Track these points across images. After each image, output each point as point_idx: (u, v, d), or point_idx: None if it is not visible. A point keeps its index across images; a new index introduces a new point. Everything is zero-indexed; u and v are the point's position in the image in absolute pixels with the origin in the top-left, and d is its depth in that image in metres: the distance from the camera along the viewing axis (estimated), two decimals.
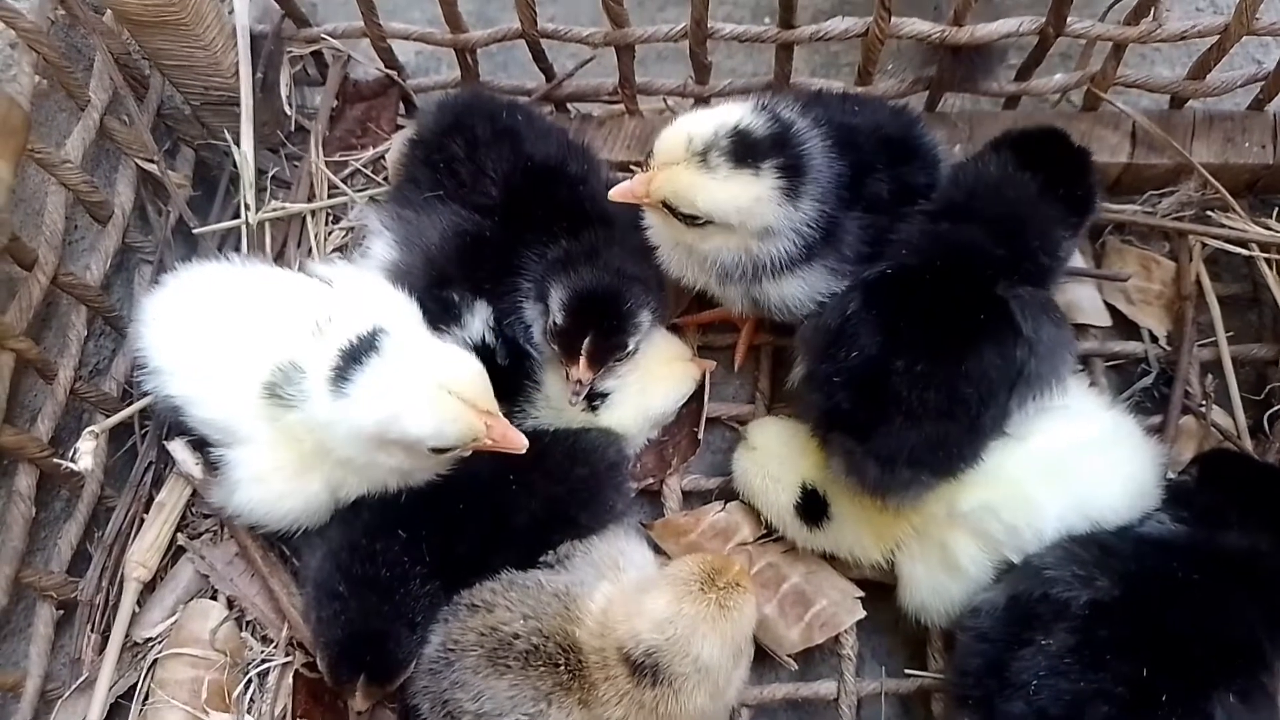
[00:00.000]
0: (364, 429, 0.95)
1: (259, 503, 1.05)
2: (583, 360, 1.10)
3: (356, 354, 0.97)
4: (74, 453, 1.04)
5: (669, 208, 1.01)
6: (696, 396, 1.27)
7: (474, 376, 0.98)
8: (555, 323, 1.10)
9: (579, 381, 1.11)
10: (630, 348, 1.14)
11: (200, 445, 1.12)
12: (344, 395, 0.95)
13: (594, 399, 1.17)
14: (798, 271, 1.07)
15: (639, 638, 0.97)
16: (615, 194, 1.05)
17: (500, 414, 0.98)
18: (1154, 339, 1.29)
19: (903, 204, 1.09)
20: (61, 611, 1.11)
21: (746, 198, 0.99)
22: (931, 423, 1.00)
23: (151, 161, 1.20)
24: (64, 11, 1.13)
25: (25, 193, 1.11)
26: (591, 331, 1.10)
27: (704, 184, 0.98)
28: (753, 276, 1.07)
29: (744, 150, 0.98)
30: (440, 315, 1.14)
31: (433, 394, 0.95)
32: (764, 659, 1.15)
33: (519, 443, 0.98)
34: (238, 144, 1.24)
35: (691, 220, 1.01)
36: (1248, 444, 1.21)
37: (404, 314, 1.10)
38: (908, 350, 1.00)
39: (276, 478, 1.04)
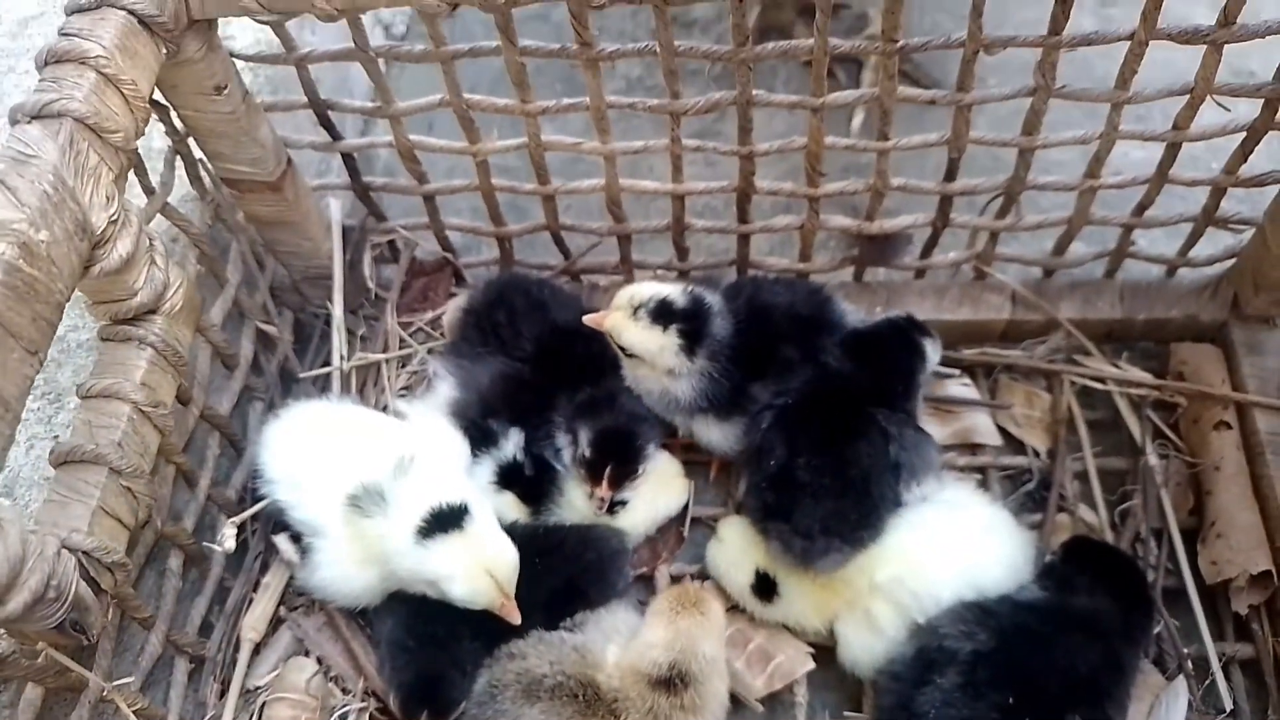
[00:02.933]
0: (424, 573, 1.31)
1: (330, 581, 1.38)
2: (605, 483, 1.45)
3: (445, 523, 1.30)
4: (220, 538, 1.38)
5: (613, 338, 1.42)
6: None
7: (509, 565, 1.32)
8: (584, 455, 1.46)
9: (601, 499, 1.46)
10: (640, 473, 1.49)
11: (297, 539, 1.47)
12: (423, 546, 1.30)
13: (614, 507, 1.49)
14: (715, 422, 1.48)
15: (659, 662, 1.30)
16: (586, 320, 1.45)
17: (513, 596, 1.32)
18: (1036, 454, 1.59)
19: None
20: (192, 665, 1.41)
21: (654, 345, 1.40)
22: (831, 500, 1.35)
23: (270, 324, 1.59)
24: (212, 218, 1.53)
25: None
26: (612, 462, 1.45)
27: (629, 327, 1.40)
28: (677, 410, 1.47)
29: (661, 313, 1.39)
30: (482, 440, 1.50)
31: (478, 574, 1.30)
32: (734, 703, 1.41)
33: (516, 619, 1.33)
34: (332, 309, 1.64)
35: (623, 350, 1.42)
36: (1108, 535, 1.50)
37: (455, 450, 1.46)
38: (805, 450, 1.36)
39: (346, 564, 1.37)
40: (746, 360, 1.47)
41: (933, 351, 1.50)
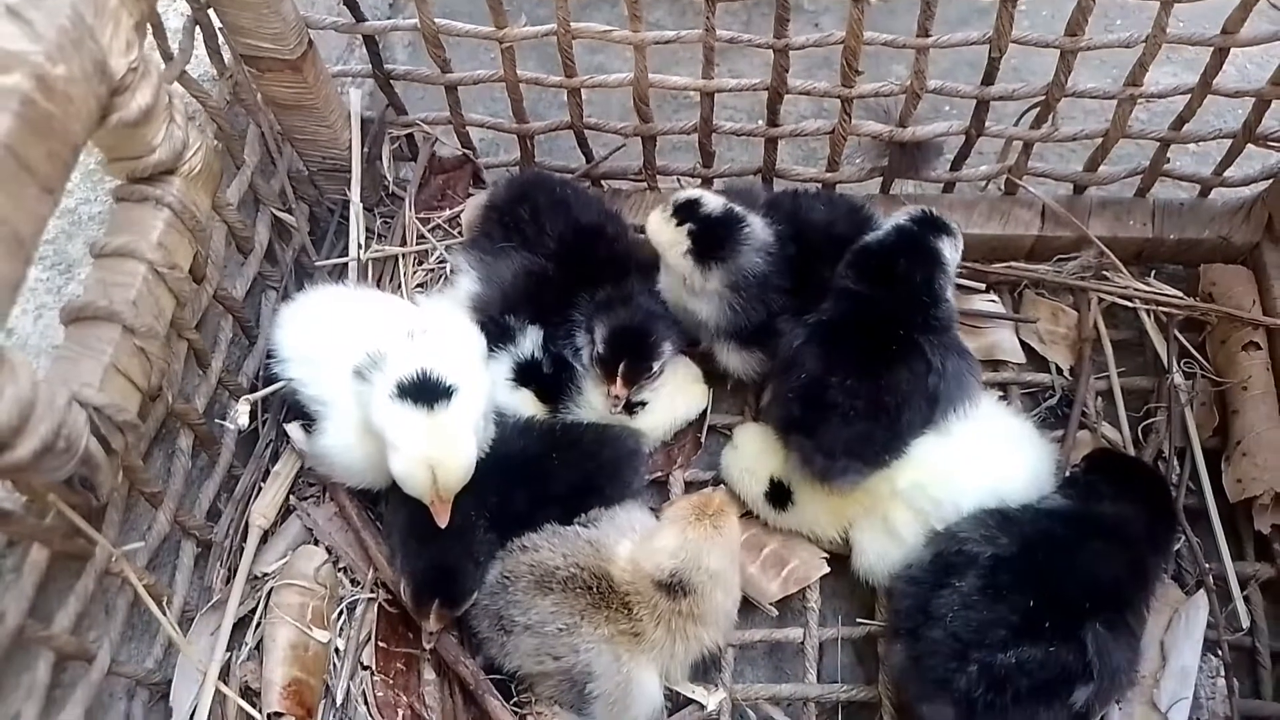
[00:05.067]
0: (378, 428, 1.26)
1: (332, 448, 1.36)
2: (619, 381, 1.42)
3: (419, 394, 1.24)
4: (233, 414, 1.36)
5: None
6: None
7: (454, 474, 1.25)
8: (598, 352, 1.43)
9: (616, 396, 1.43)
10: (655, 370, 1.46)
11: (308, 428, 1.44)
12: (391, 404, 1.24)
13: (633, 407, 1.48)
14: (737, 349, 1.46)
15: (662, 566, 1.29)
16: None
17: (450, 500, 1.26)
18: (1059, 371, 1.58)
19: None
20: (199, 549, 1.39)
21: (665, 237, 1.38)
22: (860, 422, 1.31)
23: (286, 211, 1.56)
24: (230, 96, 1.49)
25: None
26: (625, 359, 1.42)
27: (655, 218, 1.38)
28: (700, 328, 1.45)
29: (682, 209, 1.36)
30: (500, 336, 1.48)
31: (419, 464, 1.23)
32: (748, 607, 1.42)
33: (441, 521, 1.26)
34: (350, 197, 1.60)
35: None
36: (1130, 452, 1.49)
37: (470, 341, 1.43)
38: (840, 369, 1.31)
39: (348, 432, 1.34)
40: (778, 290, 1.42)
41: (951, 251, 1.41)
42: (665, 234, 1.38)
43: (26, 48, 0.93)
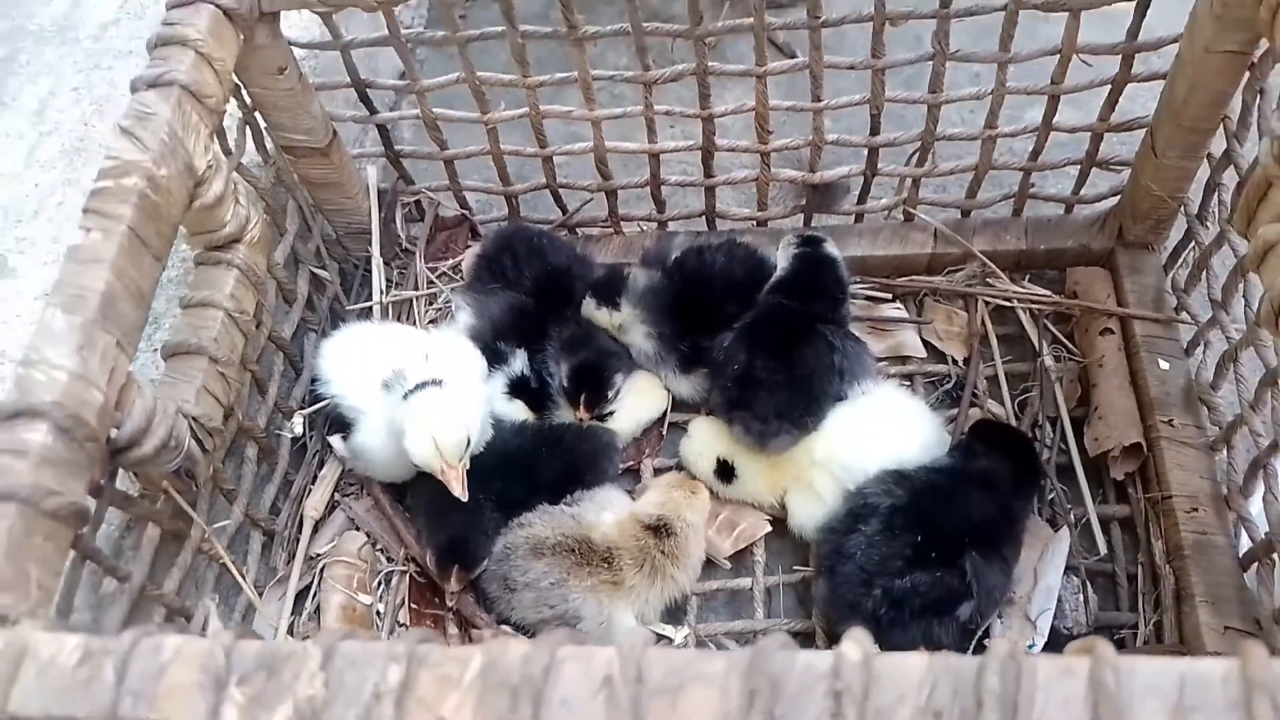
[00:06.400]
0: (395, 426, 1.61)
1: (366, 447, 1.68)
2: (581, 408, 1.79)
3: (422, 389, 1.61)
4: (290, 424, 1.73)
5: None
6: None
7: (450, 441, 1.54)
8: (563, 384, 1.80)
9: (581, 418, 1.79)
10: (610, 396, 1.81)
11: (347, 439, 1.80)
12: (403, 403, 1.61)
13: (604, 417, 1.83)
14: (681, 377, 1.85)
15: (650, 513, 1.65)
16: None
17: (459, 468, 1.54)
18: (955, 362, 1.89)
19: None
20: (265, 538, 1.74)
21: (590, 311, 1.86)
22: (783, 392, 1.65)
23: (321, 267, 1.93)
24: (274, 178, 1.87)
25: None
26: (585, 391, 1.78)
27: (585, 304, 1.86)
28: (647, 360, 1.86)
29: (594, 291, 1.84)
30: (495, 359, 1.83)
31: (424, 437, 1.56)
32: (709, 566, 1.74)
33: (457, 491, 1.55)
34: (372, 253, 1.98)
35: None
36: (1011, 421, 1.80)
37: (471, 360, 1.80)
38: (762, 356, 1.67)
39: (379, 434, 1.67)
40: (688, 319, 1.81)
41: (835, 249, 1.80)
42: (588, 309, 1.84)
43: (139, 157, 1.32)
